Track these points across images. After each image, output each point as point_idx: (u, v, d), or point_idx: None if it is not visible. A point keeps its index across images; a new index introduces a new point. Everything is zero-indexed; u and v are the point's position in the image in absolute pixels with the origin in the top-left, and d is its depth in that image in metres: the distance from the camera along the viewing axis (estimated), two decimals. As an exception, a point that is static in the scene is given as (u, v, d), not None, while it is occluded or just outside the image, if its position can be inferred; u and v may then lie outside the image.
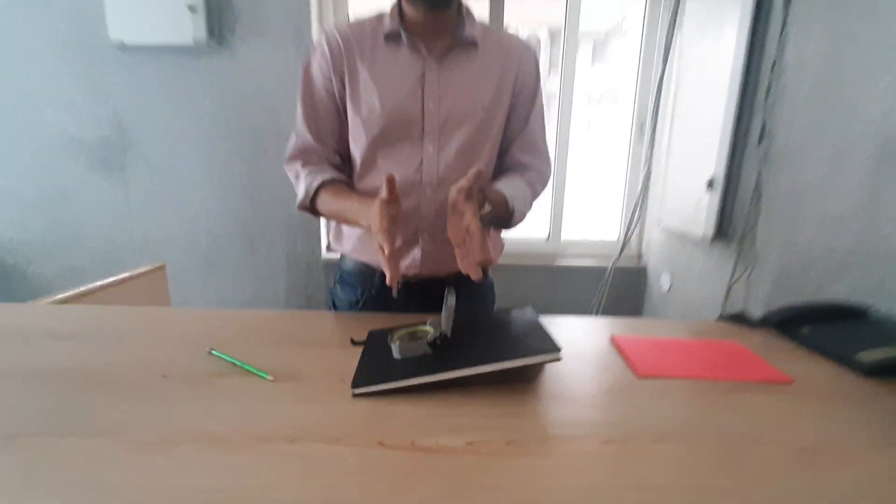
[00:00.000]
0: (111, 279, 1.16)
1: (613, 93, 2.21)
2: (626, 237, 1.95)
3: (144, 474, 0.43)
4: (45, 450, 0.47)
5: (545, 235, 2.06)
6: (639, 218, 1.96)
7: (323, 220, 1.91)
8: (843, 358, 0.73)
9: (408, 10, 0.84)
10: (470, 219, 0.69)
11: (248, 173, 1.81)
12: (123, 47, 1.67)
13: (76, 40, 1.69)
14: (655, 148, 1.86)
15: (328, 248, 1.98)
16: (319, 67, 0.87)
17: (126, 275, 1.20)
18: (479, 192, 0.75)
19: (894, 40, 0.87)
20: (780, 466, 0.47)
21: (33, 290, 1.91)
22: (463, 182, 0.70)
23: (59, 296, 1.02)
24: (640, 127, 1.96)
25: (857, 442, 0.53)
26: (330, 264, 1.92)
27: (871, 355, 0.71)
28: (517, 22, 2.51)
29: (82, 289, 1.08)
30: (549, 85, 2.54)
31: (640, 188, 1.93)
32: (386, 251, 0.69)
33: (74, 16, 1.67)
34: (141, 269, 1.26)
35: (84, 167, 1.80)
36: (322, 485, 0.43)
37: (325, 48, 0.86)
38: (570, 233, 2.08)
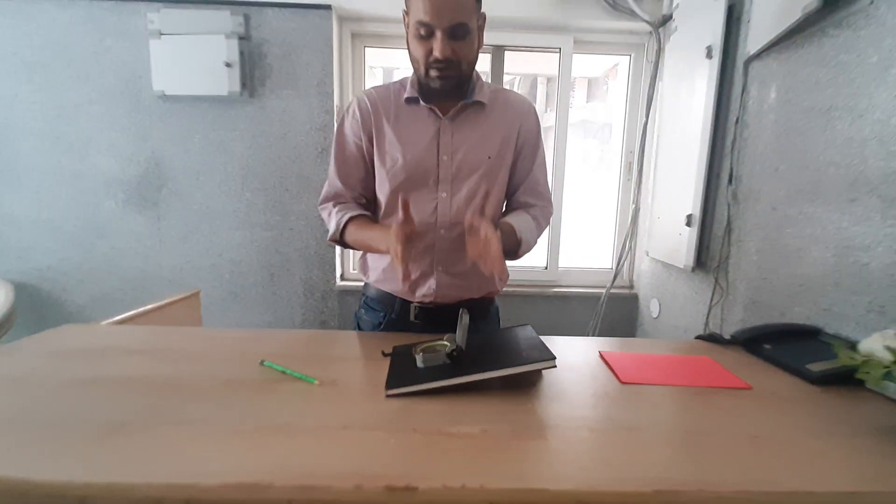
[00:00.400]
0: (156, 304, 1.30)
1: (609, 129, 2.41)
2: (618, 266, 2.10)
3: (228, 453, 0.55)
4: (147, 435, 0.59)
5: (544, 264, 2.21)
6: (629, 249, 2.12)
7: (338, 253, 2.07)
8: (795, 369, 0.86)
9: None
10: (486, 228, 0.82)
11: (271, 209, 1.98)
12: (164, 97, 1.87)
13: (123, 91, 1.89)
14: (642, 185, 2.04)
15: (342, 276, 2.13)
16: (351, 127, 1.04)
17: (168, 300, 1.34)
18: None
19: (829, 105, 1.05)
20: (733, 450, 0.59)
21: (65, 315, 2.03)
22: (475, 203, 0.86)
23: (114, 318, 1.16)
24: (629, 166, 2.15)
25: (798, 432, 0.65)
26: (343, 292, 2.06)
27: (818, 366, 0.85)
28: (516, 72, 2.76)
29: (132, 312, 1.22)
30: (546, 119, 2.74)
31: (629, 221, 2.09)
32: (399, 253, 0.81)
33: (123, 70, 1.88)
34: (180, 295, 1.40)
35: (121, 203, 1.97)
36: (371, 459, 0.55)
37: (357, 111, 1.03)
38: (567, 260, 2.23)
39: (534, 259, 2.19)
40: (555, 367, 0.74)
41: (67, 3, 1.83)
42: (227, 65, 1.79)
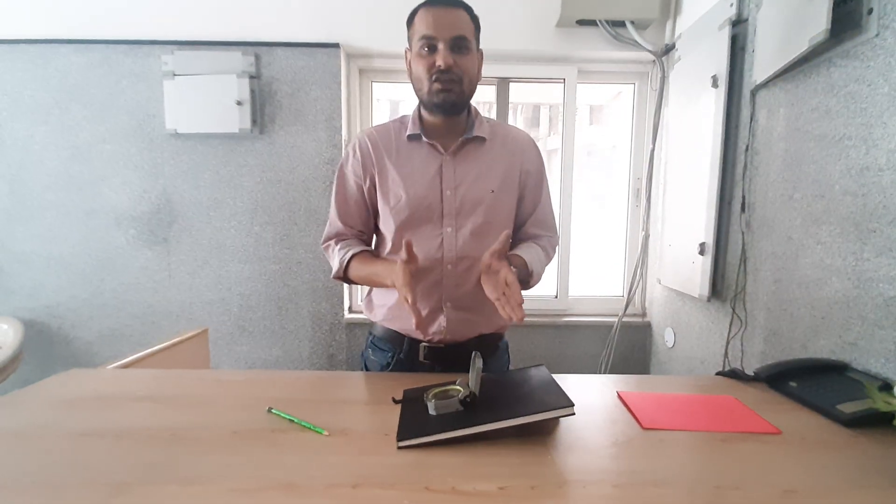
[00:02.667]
0: (164, 344, 1.29)
1: (614, 151, 2.40)
2: (629, 294, 2.06)
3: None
4: (151, 496, 0.57)
5: (553, 293, 2.18)
6: (640, 277, 2.09)
7: (346, 285, 2.06)
8: (825, 410, 0.82)
9: (426, 115, 1.02)
10: (506, 273, 0.83)
11: (280, 243, 1.98)
12: (177, 135, 1.91)
13: (136, 130, 1.93)
14: (652, 212, 2.02)
15: (350, 309, 2.11)
16: (352, 168, 1.05)
17: (176, 339, 1.33)
18: (506, 260, 0.90)
19: (841, 134, 1.03)
20: (765, 506, 0.56)
21: (73, 351, 2.03)
22: (496, 246, 0.86)
23: (121, 361, 1.14)
24: (637, 193, 2.14)
25: (834, 484, 0.61)
26: (351, 324, 2.04)
27: (849, 407, 0.81)
28: (519, 100, 2.79)
29: (139, 354, 1.20)
30: (550, 143, 2.74)
31: (639, 248, 2.06)
32: (409, 300, 0.83)
33: (137, 110, 1.93)
34: (188, 334, 1.39)
35: (131, 239, 1.98)
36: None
37: (357, 151, 1.04)
38: (577, 289, 2.20)
39: (543, 288, 2.15)
40: (573, 414, 0.71)
41: (84, 46, 1.90)
42: (239, 103, 1.83)
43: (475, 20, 0.97)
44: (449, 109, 0.98)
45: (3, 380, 1.81)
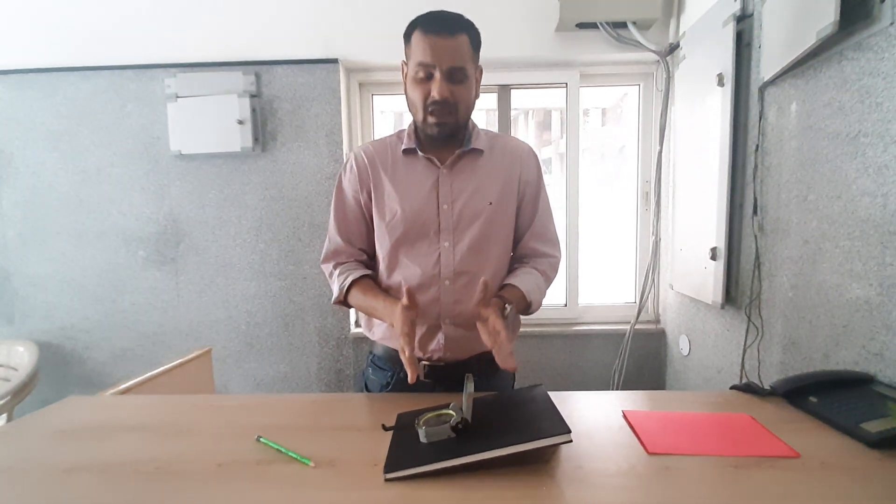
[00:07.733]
0: (166, 366, 1.29)
1: (625, 154, 2.34)
2: (641, 300, 1.99)
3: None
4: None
5: (563, 301, 2.12)
6: (652, 282, 2.02)
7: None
8: (848, 429, 0.76)
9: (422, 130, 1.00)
10: (494, 321, 0.81)
11: (285, 259, 1.99)
12: (181, 156, 1.94)
13: (142, 153, 1.97)
14: (662, 216, 1.95)
15: (356, 323, 2.10)
16: (349, 182, 1.04)
17: (178, 361, 1.33)
18: (500, 299, 0.89)
19: (856, 131, 0.97)
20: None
21: (87, 372, 2.06)
22: (477, 296, 0.83)
23: (122, 386, 1.14)
24: (645, 196, 2.08)
25: (859, 517, 0.56)
26: (358, 339, 2.03)
27: (875, 426, 0.75)
28: (529, 106, 2.76)
29: (142, 378, 1.20)
30: (560, 146, 2.70)
31: (650, 253, 2.00)
32: (406, 353, 0.80)
33: (142, 133, 1.96)
34: (191, 355, 1.39)
35: (141, 260, 2.01)
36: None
37: (354, 166, 1.03)
38: (587, 296, 2.14)
39: (552, 297, 2.10)
40: (570, 441, 0.67)
41: (91, 73, 1.94)
42: (240, 122, 1.85)
43: (476, 41, 0.93)
44: (443, 140, 0.96)
45: (20, 401, 1.84)
